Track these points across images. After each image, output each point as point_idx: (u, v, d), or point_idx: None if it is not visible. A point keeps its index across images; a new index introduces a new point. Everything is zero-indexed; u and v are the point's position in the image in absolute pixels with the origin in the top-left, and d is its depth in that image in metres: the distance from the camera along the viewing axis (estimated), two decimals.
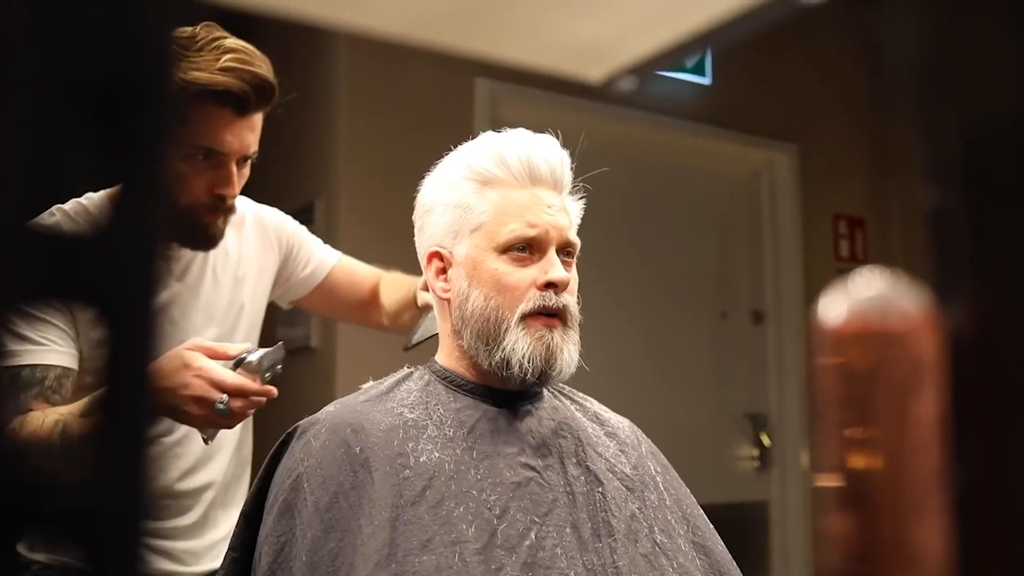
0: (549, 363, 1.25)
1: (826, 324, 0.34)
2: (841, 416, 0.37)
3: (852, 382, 0.34)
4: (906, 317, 0.33)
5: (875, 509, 0.37)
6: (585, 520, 1.21)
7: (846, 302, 0.34)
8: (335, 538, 1.13)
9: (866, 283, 0.34)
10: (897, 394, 0.33)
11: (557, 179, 1.32)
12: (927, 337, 0.33)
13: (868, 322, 0.33)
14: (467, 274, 1.28)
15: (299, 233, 1.81)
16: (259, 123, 1.54)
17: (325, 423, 1.24)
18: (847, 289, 0.35)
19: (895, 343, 0.33)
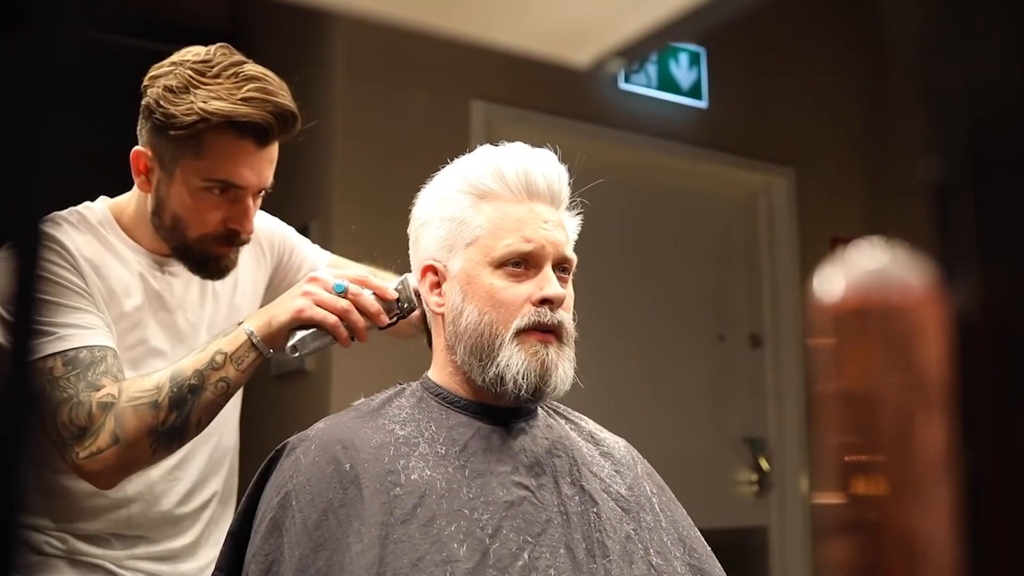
0: (544, 379, 1.23)
1: (823, 299, 0.33)
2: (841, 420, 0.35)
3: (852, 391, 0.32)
4: (908, 291, 0.31)
5: (878, 534, 0.35)
6: (579, 540, 1.18)
7: (844, 276, 0.32)
8: (323, 556, 1.11)
9: (865, 256, 0.32)
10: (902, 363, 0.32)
11: (555, 194, 1.30)
12: (931, 312, 0.31)
13: (868, 296, 0.31)
14: (461, 289, 1.26)
15: (289, 237, 1.77)
16: (276, 154, 1.51)
17: (315, 440, 1.22)
18: (845, 262, 0.33)
19: (896, 318, 0.31)
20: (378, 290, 1.41)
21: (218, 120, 1.39)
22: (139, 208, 1.52)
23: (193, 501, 1.60)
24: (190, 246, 1.49)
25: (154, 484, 1.54)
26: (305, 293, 1.37)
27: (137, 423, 1.32)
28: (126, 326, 1.49)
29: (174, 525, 1.58)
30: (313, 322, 1.36)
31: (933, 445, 0.33)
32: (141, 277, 1.52)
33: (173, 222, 1.47)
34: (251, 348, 1.37)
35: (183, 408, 1.34)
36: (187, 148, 1.42)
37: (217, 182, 1.44)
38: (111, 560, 1.51)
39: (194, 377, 1.35)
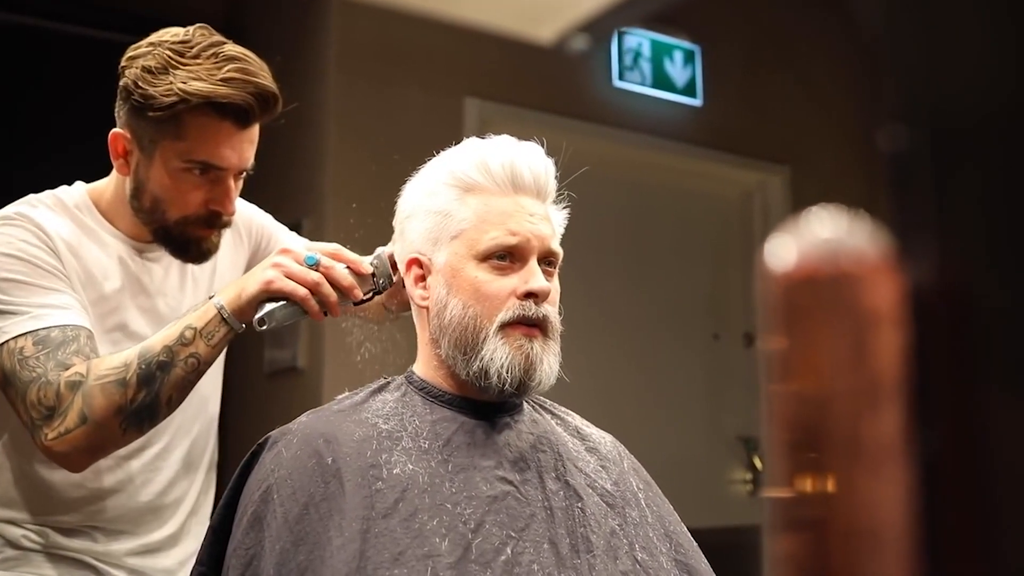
0: (528, 373, 1.22)
1: (774, 269, 0.32)
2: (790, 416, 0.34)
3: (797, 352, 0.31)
4: (862, 261, 0.30)
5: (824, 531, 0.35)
6: (563, 536, 1.17)
7: (796, 244, 0.31)
8: (304, 551, 1.10)
9: (819, 224, 0.31)
10: (852, 355, 0.31)
11: (541, 187, 1.29)
12: (885, 283, 0.30)
13: (820, 266, 0.30)
14: (446, 282, 1.25)
15: (267, 224, 1.75)
16: (257, 135, 1.48)
17: (297, 433, 1.21)
18: (798, 230, 0.32)
19: (849, 288, 0.30)
20: (352, 264, 1.38)
21: (198, 101, 1.36)
22: (117, 192, 1.50)
23: (174, 491, 1.57)
24: (171, 229, 1.46)
25: (134, 475, 1.51)
26: (275, 265, 1.35)
27: (105, 402, 1.29)
28: (105, 309, 1.47)
29: (155, 516, 1.55)
30: (282, 294, 1.33)
31: (883, 440, 0.32)
32: (120, 261, 1.50)
33: (153, 204, 1.45)
34: (221, 322, 1.34)
35: (152, 385, 1.31)
36: (166, 129, 1.39)
37: (197, 163, 1.42)
38: (91, 554, 1.49)
39: (163, 353, 1.32)
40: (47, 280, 1.37)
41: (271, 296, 1.33)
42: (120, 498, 1.51)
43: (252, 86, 1.40)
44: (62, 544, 1.47)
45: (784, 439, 0.33)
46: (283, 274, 1.33)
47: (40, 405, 1.30)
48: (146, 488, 1.53)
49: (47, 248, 1.40)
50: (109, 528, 1.50)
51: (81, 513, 1.48)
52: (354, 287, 1.37)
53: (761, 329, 0.33)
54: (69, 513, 1.48)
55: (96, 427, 1.29)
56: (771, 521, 0.35)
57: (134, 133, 1.43)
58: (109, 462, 1.47)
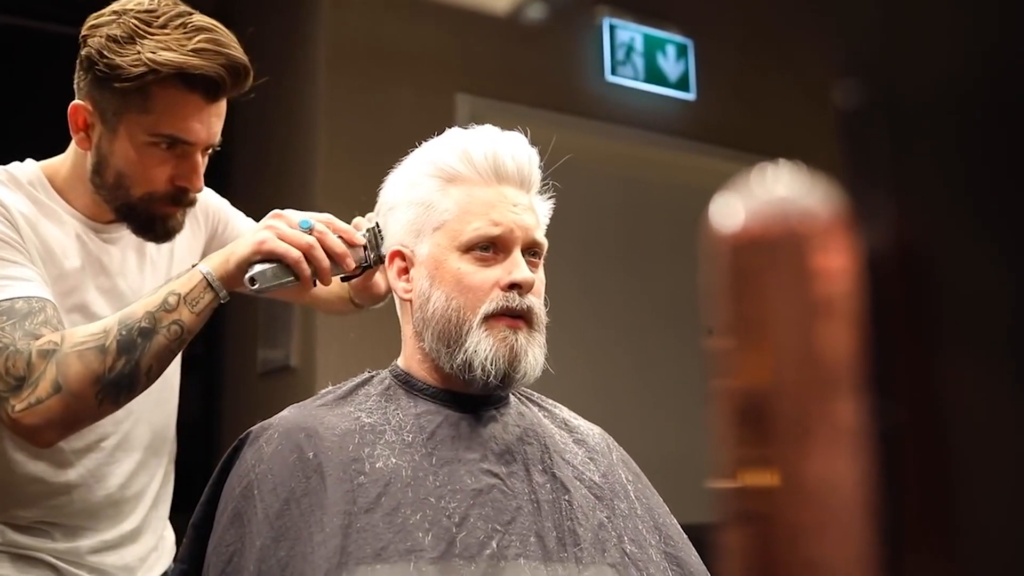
0: (513, 366, 1.20)
1: (720, 230, 0.30)
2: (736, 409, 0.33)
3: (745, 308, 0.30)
4: (813, 220, 0.28)
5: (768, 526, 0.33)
6: (550, 529, 1.16)
7: (743, 204, 0.30)
8: (285, 547, 1.08)
9: (768, 182, 0.30)
10: (803, 322, 0.29)
11: (524, 177, 1.27)
12: (838, 244, 0.28)
13: (769, 226, 0.29)
14: (429, 274, 1.23)
15: (223, 209, 1.69)
16: (225, 110, 1.42)
17: (278, 428, 1.19)
18: (745, 189, 0.30)
19: (800, 249, 0.28)
20: (344, 233, 1.34)
21: (168, 72, 1.31)
22: (75, 168, 1.44)
23: (134, 484, 1.52)
24: (135, 205, 1.40)
25: (96, 467, 1.47)
26: (268, 227, 1.30)
27: (82, 369, 1.23)
28: (64, 288, 1.41)
29: (116, 511, 1.50)
30: (275, 255, 1.28)
31: (836, 418, 0.30)
32: (78, 240, 1.44)
33: (116, 180, 1.39)
34: (207, 288, 1.28)
35: (133, 353, 1.24)
36: (132, 101, 1.33)
37: (164, 137, 1.36)
38: (51, 553, 1.44)
39: (145, 319, 1.25)
40: (7, 252, 1.32)
41: (263, 258, 1.29)
42: (80, 492, 1.45)
43: (223, 57, 1.34)
44: (19, 542, 1.42)
45: (730, 420, 0.31)
46: (276, 235, 1.29)
47: (8, 375, 1.23)
48: (106, 481, 1.48)
49: (5, 220, 1.34)
50: (68, 524, 1.45)
51: (40, 508, 1.43)
52: (347, 255, 1.32)
53: (705, 301, 0.32)
54: (27, 508, 1.42)
55: (71, 397, 1.22)
56: (720, 513, 0.34)
57: (96, 105, 1.36)
58: (68, 455, 1.43)
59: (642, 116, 3.66)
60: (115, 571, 1.50)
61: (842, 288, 0.28)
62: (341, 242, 1.33)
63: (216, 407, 3.60)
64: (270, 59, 1.48)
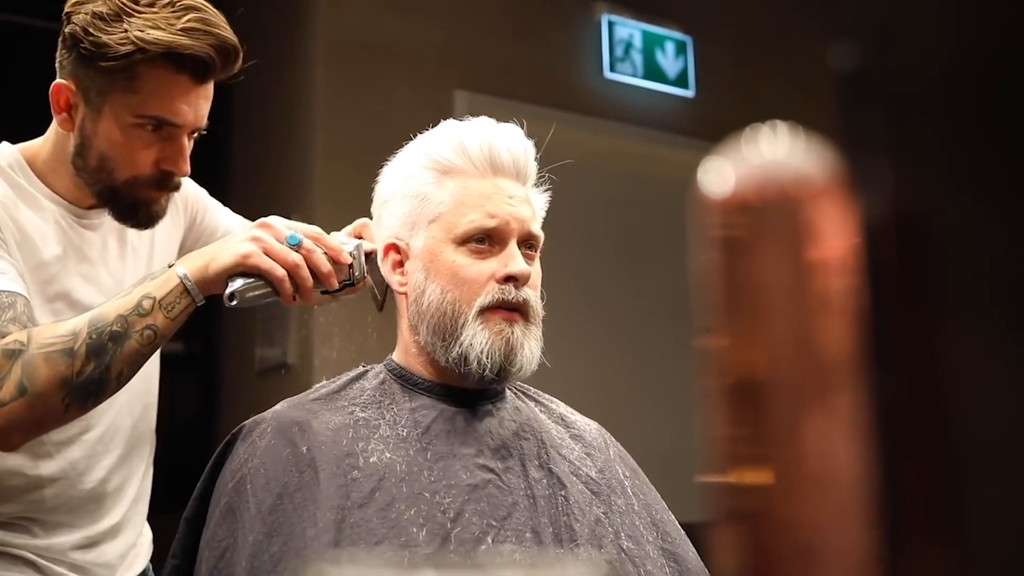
0: (509, 359, 1.19)
1: (708, 195, 0.29)
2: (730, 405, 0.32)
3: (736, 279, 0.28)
4: (807, 184, 0.27)
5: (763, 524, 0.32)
6: (546, 525, 1.15)
7: (734, 167, 0.28)
8: (278, 542, 1.07)
9: (759, 145, 0.28)
10: (796, 291, 0.27)
11: (520, 169, 1.26)
12: (834, 209, 0.27)
13: (760, 190, 0.27)
14: (424, 267, 1.22)
15: (202, 198, 1.63)
16: (212, 92, 1.37)
17: (271, 422, 1.18)
18: (738, 151, 0.29)
19: (793, 214, 0.27)
20: (331, 251, 1.30)
21: (157, 51, 1.27)
22: (56, 151, 1.39)
23: (115, 478, 1.48)
24: (118, 189, 1.35)
25: (76, 461, 1.42)
26: (254, 239, 1.25)
27: (49, 372, 1.18)
28: (45, 276, 1.36)
29: (97, 506, 1.46)
30: (259, 271, 1.23)
31: (832, 399, 0.29)
32: (58, 226, 1.39)
33: (100, 163, 1.34)
34: (183, 293, 1.23)
35: (103, 357, 1.20)
36: (117, 81, 1.29)
37: (150, 119, 1.31)
38: (32, 550, 1.39)
39: (117, 323, 1.21)
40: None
41: (244, 271, 1.24)
42: (61, 486, 1.41)
43: (213, 38, 1.30)
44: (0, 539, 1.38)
45: (721, 406, 0.30)
46: (262, 250, 1.24)
47: None
48: (88, 475, 1.43)
49: None
50: (48, 520, 1.41)
51: (19, 503, 1.39)
52: (331, 275, 1.28)
53: (696, 277, 0.30)
54: (6, 504, 1.38)
55: (36, 400, 1.18)
56: (712, 510, 0.32)
57: (80, 84, 1.32)
58: (48, 447, 1.39)
59: (641, 113, 3.64)
60: (95, 568, 1.46)
61: (838, 256, 0.27)
62: (327, 260, 1.29)
63: (214, 405, 3.59)
64: (267, 54, 1.45)
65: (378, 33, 3.21)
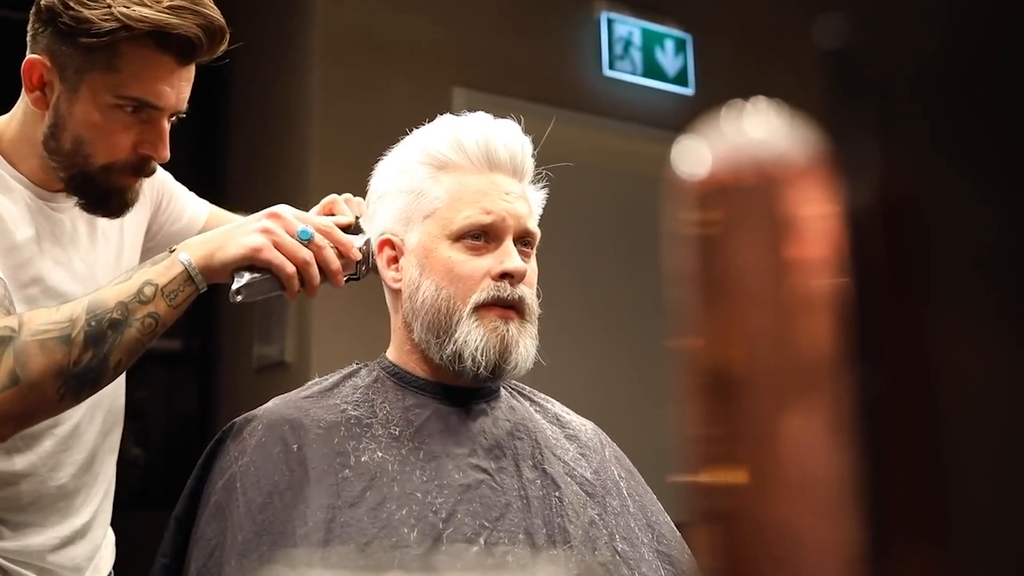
0: (503, 356, 1.17)
1: (684, 176, 0.27)
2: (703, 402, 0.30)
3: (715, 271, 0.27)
4: (788, 164, 0.25)
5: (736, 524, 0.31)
6: (540, 526, 1.13)
7: (711, 147, 0.27)
8: (267, 541, 1.06)
9: (738, 124, 0.27)
10: (775, 280, 0.26)
11: (517, 165, 1.25)
12: (816, 191, 0.25)
13: (739, 171, 0.26)
14: (419, 263, 1.21)
15: (167, 182, 1.56)
16: (193, 75, 1.31)
17: (262, 420, 1.17)
18: (713, 131, 0.27)
19: (773, 197, 0.26)
20: (342, 247, 1.24)
21: (144, 29, 1.21)
22: (24, 131, 1.32)
23: (87, 474, 1.43)
24: (93, 175, 1.29)
25: (47, 456, 1.36)
26: (265, 230, 1.19)
27: (44, 361, 1.12)
28: (17, 261, 1.29)
29: (67, 503, 1.40)
30: (269, 266, 1.18)
31: (812, 396, 0.28)
32: (28, 208, 1.32)
33: (75, 146, 1.27)
34: (187, 281, 1.17)
35: (101, 346, 1.14)
36: (98, 59, 1.23)
37: (131, 100, 1.25)
38: (0, 553, 1.33)
39: (117, 310, 1.15)
40: None
41: (253, 264, 1.19)
42: (32, 482, 1.35)
43: (201, 17, 1.25)
44: None
45: (694, 402, 0.29)
46: (272, 243, 1.18)
47: None
48: (59, 471, 1.38)
49: None
50: (17, 521, 1.35)
51: None
52: (340, 273, 1.23)
53: (666, 263, 0.29)
54: None
55: (30, 390, 1.12)
56: (688, 510, 0.31)
57: (56, 61, 1.25)
58: (17, 442, 1.32)
59: (640, 111, 3.62)
60: (63, 571, 1.41)
61: (820, 244, 0.26)
62: (337, 257, 1.24)
63: (212, 402, 3.58)
64: (265, 49, 1.43)
65: (376, 29, 3.19)
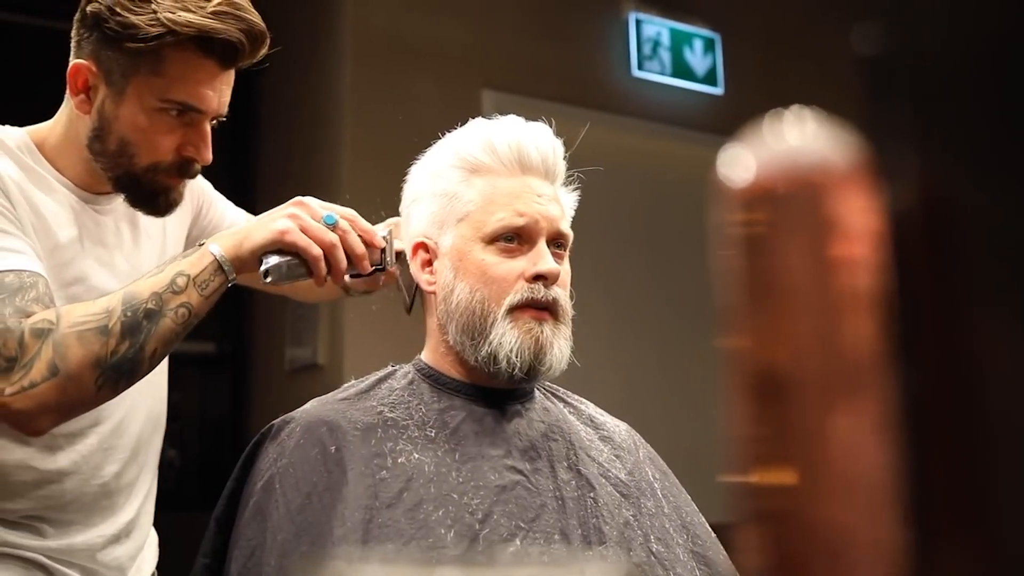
0: (538, 358, 1.18)
1: (729, 183, 0.28)
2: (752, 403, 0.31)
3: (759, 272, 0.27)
4: (831, 170, 0.26)
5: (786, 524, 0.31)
6: (575, 527, 1.14)
7: (755, 154, 0.27)
8: (306, 541, 1.07)
9: (780, 132, 0.28)
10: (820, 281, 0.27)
11: (549, 168, 1.26)
12: (858, 196, 0.26)
13: (782, 177, 0.27)
14: (453, 266, 1.22)
15: (207, 190, 1.60)
16: (234, 79, 1.34)
17: (300, 422, 1.18)
18: (757, 139, 0.28)
19: (816, 202, 0.26)
20: (365, 234, 1.27)
21: (189, 33, 1.24)
22: (68, 135, 1.35)
23: (129, 473, 1.44)
24: (138, 176, 1.32)
25: (90, 455, 1.38)
26: (291, 216, 1.22)
27: (82, 352, 1.14)
28: (61, 260, 1.32)
29: (109, 503, 1.42)
30: (295, 249, 1.21)
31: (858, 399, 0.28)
32: (72, 209, 1.35)
33: (120, 147, 1.31)
34: (217, 271, 1.20)
35: (137, 336, 1.16)
36: (143, 63, 1.26)
37: (175, 103, 1.28)
38: (42, 552, 1.34)
39: (151, 301, 1.17)
40: None
41: (279, 249, 1.22)
42: (75, 481, 1.36)
43: (243, 22, 1.28)
44: (11, 541, 1.32)
45: (743, 405, 0.29)
46: (298, 227, 1.21)
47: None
48: (101, 469, 1.39)
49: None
50: (60, 519, 1.36)
51: (30, 500, 1.34)
52: (365, 257, 1.25)
53: (714, 267, 0.30)
54: (15, 500, 1.33)
55: (68, 381, 1.14)
56: (736, 511, 0.32)
57: (101, 66, 1.28)
58: (59, 440, 1.35)
59: (669, 111, 3.62)
60: (106, 571, 1.42)
61: (865, 249, 0.26)
62: (361, 243, 1.26)
63: (244, 404, 3.61)
64: (295, 53, 1.44)
65: (405, 31, 3.21)
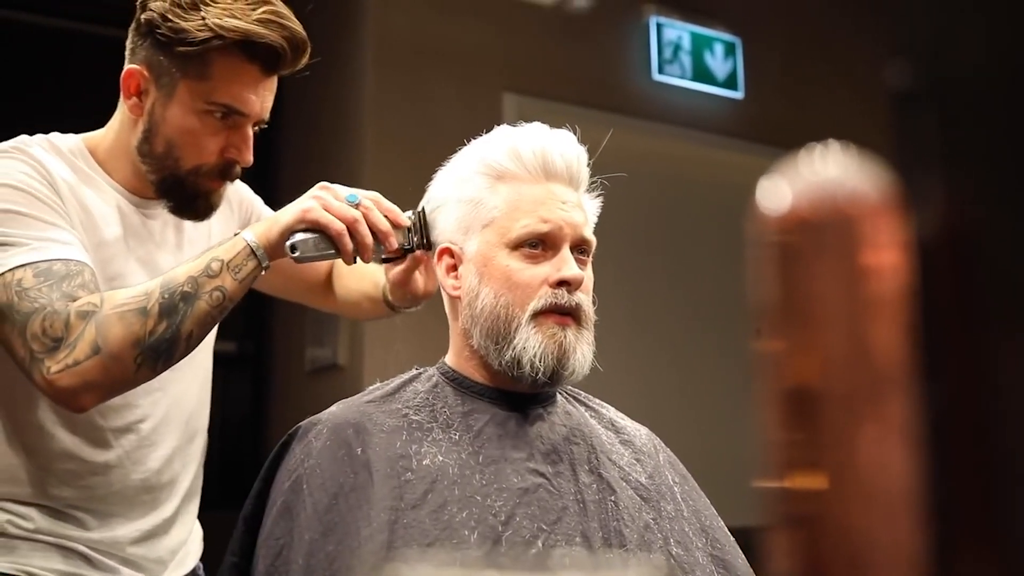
0: (561, 362, 1.20)
1: (766, 212, 0.30)
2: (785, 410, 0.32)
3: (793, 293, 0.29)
4: (862, 201, 0.28)
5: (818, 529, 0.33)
6: (596, 529, 1.15)
7: (790, 185, 0.29)
8: (333, 541, 1.09)
9: (815, 164, 0.29)
10: (851, 304, 0.28)
11: (573, 175, 1.27)
12: (887, 226, 0.28)
13: (816, 207, 0.28)
14: (477, 271, 1.24)
15: (255, 202, 1.66)
16: (276, 86, 1.41)
17: (327, 423, 1.20)
18: (792, 170, 0.30)
19: (848, 231, 0.28)
20: (389, 213, 1.33)
21: (235, 39, 1.31)
22: (119, 140, 1.42)
23: (169, 470, 1.48)
24: (183, 178, 1.39)
25: (134, 448, 1.42)
26: (314, 197, 1.30)
27: (123, 331, 1.20)
28: (104, 256, 1.38)
29: (151, 497, 1.46)
30: (319, 226, 1.27)
31: (887, 406, 0.30)
32: (119, 210, 1.42)
33: (166, 149, 1.37)
34: (250, 255, 1.27)
35: (174, 317, 1.22)
36: (191, 67, 1.33)
37: (220, 106, 1.35)
38: (85, 543, 1.38)
39: (187, 284, 1.24)
40: (48, 214, 1.29)
41: (306, 227, 1.28)
42: (117, 474, 1.41)
43: (286, 30, 1.35)
44: (54, 531, 1.37)
45: (777, 416, 0.31)
46: (321, 206, 1.28)
47: (44, 336, 1.20)
48: (142, 464, 1.44)
49: (46, 183, 1.32)
50: (102, 511, 1.40)
51: (74, 488, 1.38)
52: (390, 234, 1.31)
53: (753, 290, 0.31)
54: (60, 487, 1.37)
55: (110, 359, 1.20)
56: (767, 515, 0.33)
57: (153, 70, 1.36)
58: (106, 434, 1.40)
59: (690, 115, 3.63)
60: (147, 563, 1.46)
61: (892, 273, 0.28)
62: (386, 220, 1.32)
63: (265, 404, 3.64)
64: (317, 56, 1.47)
65: (427, 36, 3.23)
